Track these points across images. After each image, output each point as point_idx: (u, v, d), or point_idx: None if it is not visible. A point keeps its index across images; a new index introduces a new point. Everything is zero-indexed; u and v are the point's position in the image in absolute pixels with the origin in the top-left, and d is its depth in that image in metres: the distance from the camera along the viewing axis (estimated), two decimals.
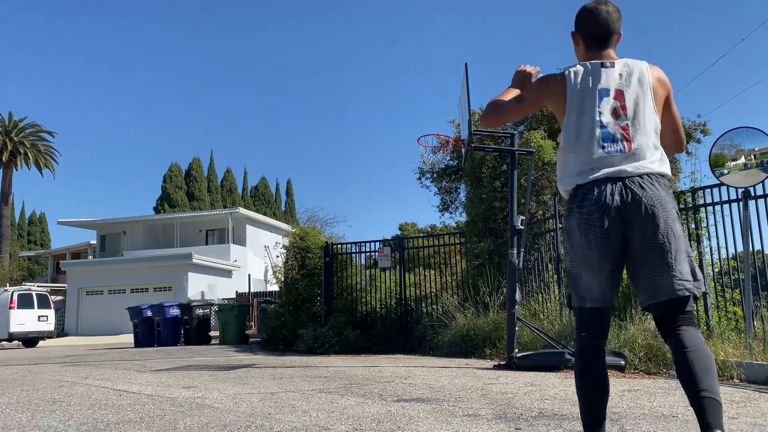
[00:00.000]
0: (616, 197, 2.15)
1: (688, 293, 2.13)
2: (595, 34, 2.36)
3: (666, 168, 2.25)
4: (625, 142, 2.22)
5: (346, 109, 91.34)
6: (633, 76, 2.28)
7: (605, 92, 2.27)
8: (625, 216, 2.14)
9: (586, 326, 2.26)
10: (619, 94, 2.26)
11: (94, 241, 36.52)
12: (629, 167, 2.18)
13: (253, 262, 32.68)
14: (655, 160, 2.22)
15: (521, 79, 2.55)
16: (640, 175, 2.17)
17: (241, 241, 32.71)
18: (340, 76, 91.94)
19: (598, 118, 2.25)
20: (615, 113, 2.25)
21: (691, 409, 2.08)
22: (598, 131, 2.24)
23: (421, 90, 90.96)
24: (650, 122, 2.26)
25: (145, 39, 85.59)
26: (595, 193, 2.18)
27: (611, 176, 2.18)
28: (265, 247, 33.25)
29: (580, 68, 2.33)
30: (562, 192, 2.38)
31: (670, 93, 2.38)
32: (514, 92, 2.51)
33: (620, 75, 2.28)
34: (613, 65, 2.30)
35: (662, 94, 2.34)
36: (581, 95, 2.28)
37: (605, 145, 2.23)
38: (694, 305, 2.37)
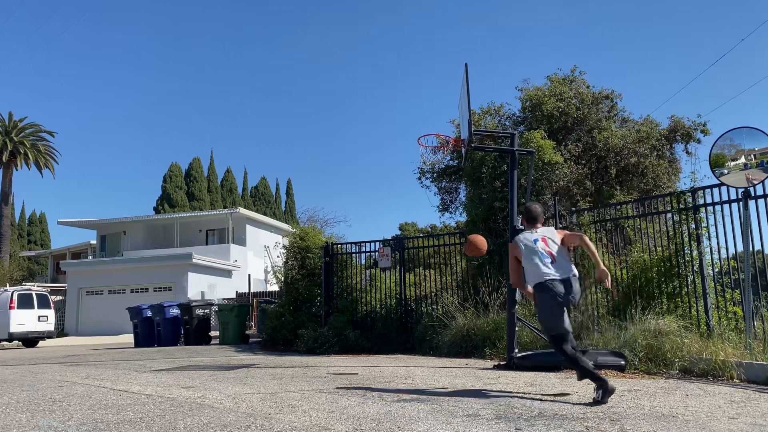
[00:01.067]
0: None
1: None
2: (529, 219, 5.03)
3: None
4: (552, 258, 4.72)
5: (346, 109, 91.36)
6: (548, 231, 4.91)
7: (536, 240, 4.82)
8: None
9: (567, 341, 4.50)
10: (543, 239, 4.83)
11: (94, 241, 36.50)
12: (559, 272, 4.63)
13: (253, 262, 32.67)
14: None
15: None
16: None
17: (241, 241, 32.70)
18: (340, 76, 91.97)
19: (539, 251, 4.78)
20: (543, 243, 4.83)
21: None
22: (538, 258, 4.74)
23: (421, 90, 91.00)
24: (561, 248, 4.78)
25: (145, 39, 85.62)
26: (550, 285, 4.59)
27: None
28: (265, 247, 33.23)
29: (522, 236, 4.95)
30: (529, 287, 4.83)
31: (564, 234, 4.88)
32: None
33: (537, 232, 4.91)
34: (537, 230, 4.92)
35: (560, 236, 4.86)
36: (527, 246, 4.82)
37: (545, 261, 4.70)
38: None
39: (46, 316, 20.04)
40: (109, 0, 77.59)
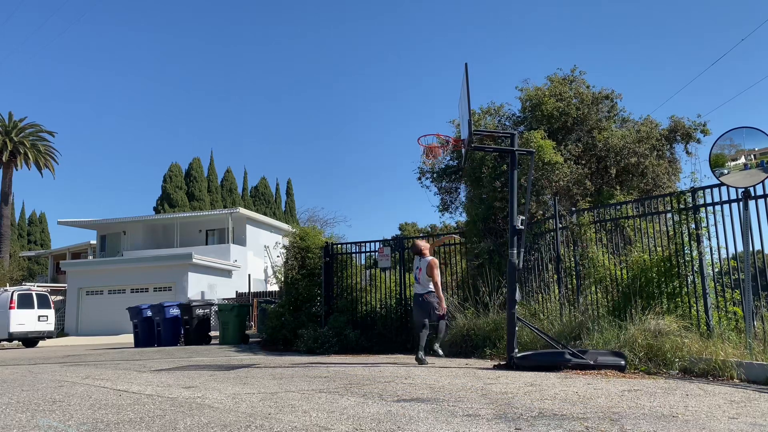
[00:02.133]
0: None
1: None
2: (414, 252, 8.10)
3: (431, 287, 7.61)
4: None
5: (346, 109, 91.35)
6: (422, 261, 7.75)
7: (416, 266, 7.85)
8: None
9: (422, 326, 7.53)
10: (418, 265, 7.77)
11: (94, 241, 36.50)
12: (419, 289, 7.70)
13: (253, 262, 32.68)
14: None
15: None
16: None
17: (241, 241, 32.70)
18: (340, 77, 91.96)
19: (415, 274, 7.89)
20: (418, 270, 7.75)
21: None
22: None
23: (422, 90, 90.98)
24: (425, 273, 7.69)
25: (145, 39, 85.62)
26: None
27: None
28: (265, 246, 33.20)
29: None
30: None
31: (430, 263, 7.65)
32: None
33: (419, 261, 7.85)
34: (421, 259, 7.81)
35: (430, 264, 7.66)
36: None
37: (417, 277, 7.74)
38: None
39: (46, 316, 20.05)
40: (109, 0, 77.58)
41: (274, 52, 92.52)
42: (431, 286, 7.51)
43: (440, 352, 7.67)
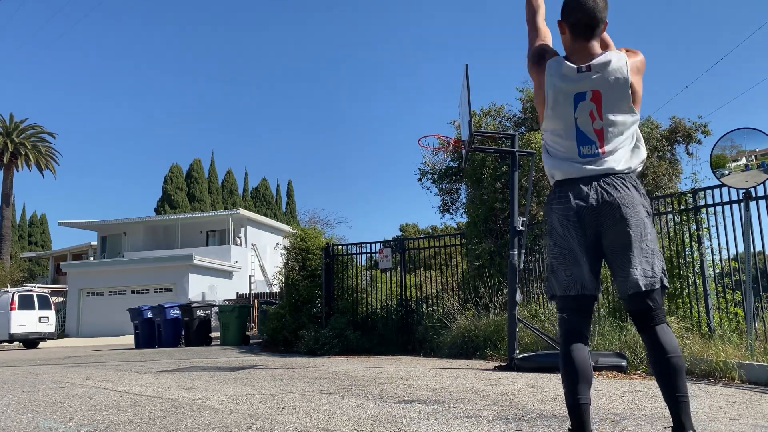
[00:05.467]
0: (592, 197, 2.33)
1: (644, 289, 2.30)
2: (581, 24, 2.39)
3: (637, 160, 2.44)
4: (599, 145, 2.37)
5: (347, 110, 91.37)
6: (611, 75, 2.36)
7: (581, 96, 2.38)
8: (600, 215, 2.34)
9: (570, 308, 2.45)
10: (596, 97, 2.36)
11: (94, 242, 36.52)
12: (602, 169, 2.36)
13: (253, 263, 32.68)
14: (625, 159, 2.40)
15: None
16: (615, 174, 2.35)
17: (241, 242, 32.72)
18: (341, 77, 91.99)
19: (573, 123, 2.39)
20: (591, 116, 2.37)
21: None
22: (574, 134, 2.39)
23: (422, 91, 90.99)
24: (626, 121, 2.39)
25: (146, 40, 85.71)
26: (573, 192, 2.37)
27: (587, 176, 2.37)
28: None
29: (561, 66, 2.41)
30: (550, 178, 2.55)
31: (642, 72, 2.46)
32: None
33: (597, 76, 2.37)
34: (589, 69, 2.37)
35: (638, 81, 2.41)
36: (556, 95, 2.41)
37: (581, 148, 2.38)
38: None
39: (47, 317, 20.05)
40: (110, 1, 77.66)
41: (276, 54, 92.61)
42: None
43: None
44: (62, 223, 35.45)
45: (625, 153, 2.38)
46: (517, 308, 6.82)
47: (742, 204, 6.12)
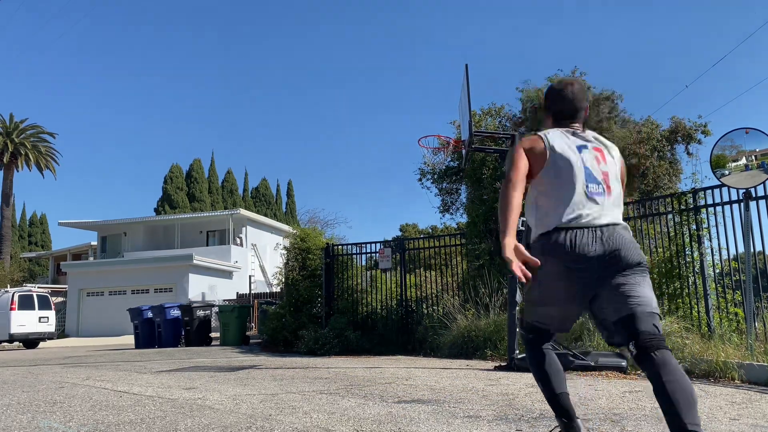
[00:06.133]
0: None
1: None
2: (564, 114, 2.53)
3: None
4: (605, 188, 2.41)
5: (346, 110, 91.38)
6: (609, 148, 2.48)
7: (583, 147, 2.44)
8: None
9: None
10: (599, 150, 2.45)
11: (94, 242, 36.51)
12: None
13: (253, 263, 32.69)
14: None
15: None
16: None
17: (241, 242, 32.72)
18: (341, 77, 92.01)
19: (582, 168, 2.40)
20: (596, 161, 2.43)
21: None
22: (582, 177, 2.38)
23: (422, 91, 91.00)
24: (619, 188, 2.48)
25: (146, 40, 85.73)
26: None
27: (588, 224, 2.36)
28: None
29: (554, 133, 2.47)
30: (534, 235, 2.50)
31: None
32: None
33: (594, 138, 2.48)
34: (584, 131, 2.49)
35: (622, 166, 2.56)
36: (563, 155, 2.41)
37: (589, 186, 2.37)
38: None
39: (47, 317, 20.04)
40: (110, 1, 77.67)
41: (276, 54, 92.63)
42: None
43: None
44: (62, 223, 35.47)
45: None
46: (517, 308, 6.82)
47: (742, 204, 6.12)
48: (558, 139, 2.42)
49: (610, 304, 2.29)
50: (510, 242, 2.24)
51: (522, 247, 2.23)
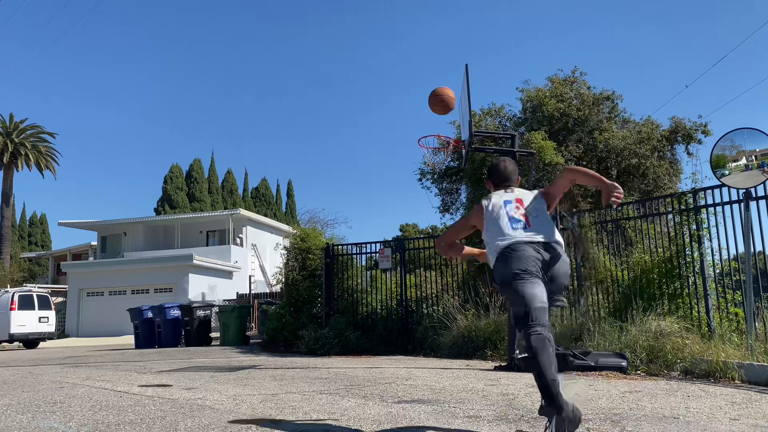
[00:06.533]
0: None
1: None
2: (499, 182, 3.61)
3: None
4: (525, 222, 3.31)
5: (346, 110, 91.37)
6: (526, 195, 3.45)
7: (508, 202, 3.41)
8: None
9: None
10: (519, 200, 3.42)
11: (94, 242, 36.52)
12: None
13: (253, 263, 32.69)
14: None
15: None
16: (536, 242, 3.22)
17: (241, 242, 32.71)
18: (340, 77, 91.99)
19: (506, 216, 3.36)
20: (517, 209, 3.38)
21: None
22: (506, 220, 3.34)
23: (422, 91, 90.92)
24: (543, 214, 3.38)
25: (146, 41, 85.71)
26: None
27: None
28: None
29: (491, 196, 3.52)
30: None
31: (548, 192, 3.48)
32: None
33: (518, 191, 3.48)
34: (513, 190, 3.49)
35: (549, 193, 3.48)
36: (495, 210, 3.41)
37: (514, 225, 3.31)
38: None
39: (47, 317, 20.04)
40: (111, 1, 77.68)
41: (276, 53, 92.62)
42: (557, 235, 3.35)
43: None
44: (62, 223, 35.48)
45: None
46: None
47: (742, 204, 6.12)
48: (495, 197, 3.47)
49: None
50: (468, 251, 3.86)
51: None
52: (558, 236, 3.29)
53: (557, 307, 3.40)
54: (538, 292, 3.04)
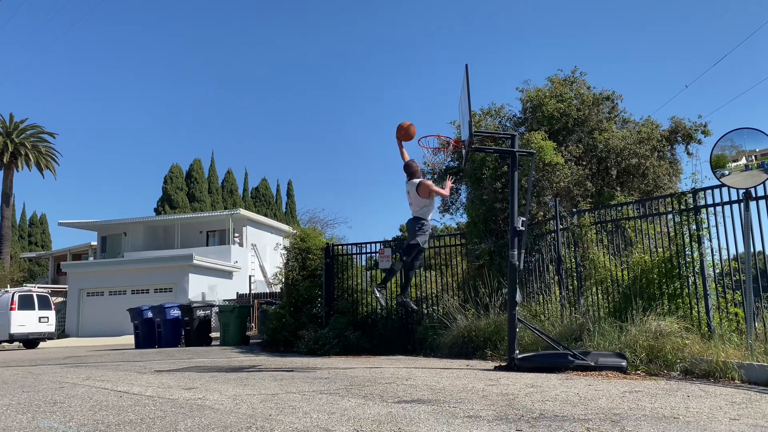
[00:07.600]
0: None
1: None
2: (408, 173, 7.33)
3: (422, 214, 7.23)
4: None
5: (346, 109, 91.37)
6: (413, 186, 7.19)
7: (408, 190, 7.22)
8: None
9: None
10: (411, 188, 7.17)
11: (94, 242, 36.51)
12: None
13: (253, 263, 32.68)
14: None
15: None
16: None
17: (241, 242, 32.71)
18: (340, 77, 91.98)
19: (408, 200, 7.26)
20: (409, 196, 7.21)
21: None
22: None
23: (422, 90, 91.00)
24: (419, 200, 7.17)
25: (146, 41, 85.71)
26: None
27: None
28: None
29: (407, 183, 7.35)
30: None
31: (422, 185, 7.15)
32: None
33: (412, 183, 7.24)
34: (412, 182, 7.21)
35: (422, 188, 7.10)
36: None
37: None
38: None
39: (47, 317, 20.04)
40: (111, 1, 77.67)
41: (276, 54, 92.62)
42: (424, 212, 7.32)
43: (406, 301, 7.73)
44: (62, 223, 35.48)
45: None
46: (517, 308, 6.82)
47: (742, 204, 6.12)
48: (407, 185, 7.22)
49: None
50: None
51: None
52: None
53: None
54: None
